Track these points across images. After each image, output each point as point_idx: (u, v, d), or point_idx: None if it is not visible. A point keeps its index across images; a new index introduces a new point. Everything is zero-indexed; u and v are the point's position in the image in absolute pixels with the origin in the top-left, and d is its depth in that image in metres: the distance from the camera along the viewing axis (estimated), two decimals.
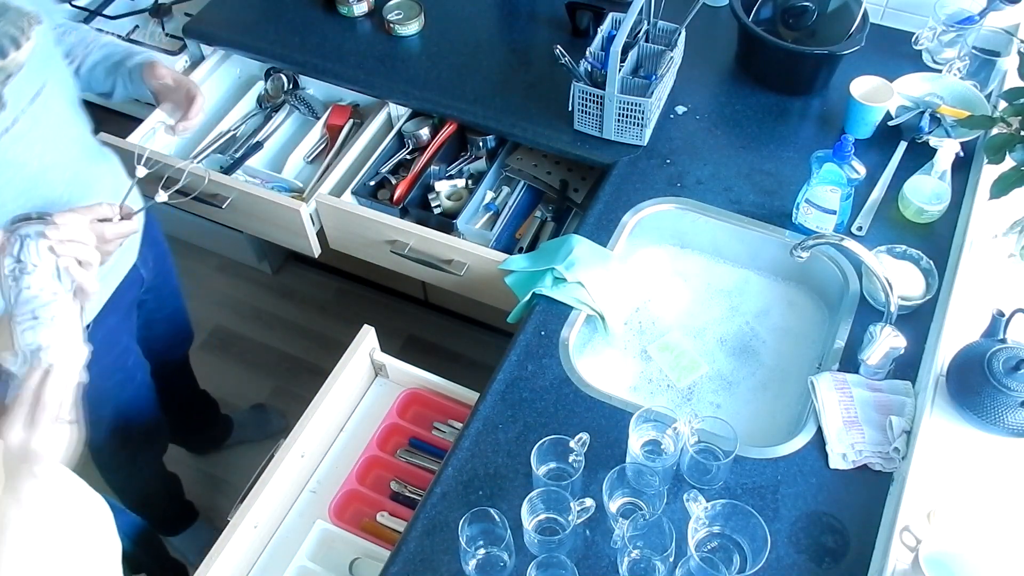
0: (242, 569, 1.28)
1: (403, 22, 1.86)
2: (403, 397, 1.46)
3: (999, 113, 1.36)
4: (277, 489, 1.30)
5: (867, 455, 1.20)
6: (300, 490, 1.38)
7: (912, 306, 1.34)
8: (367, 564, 1.27)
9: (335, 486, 1.35)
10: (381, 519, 1.33)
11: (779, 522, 1.16)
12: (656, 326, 1.52)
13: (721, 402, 1.42)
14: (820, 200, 1.43)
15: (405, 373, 1.47)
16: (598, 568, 1.13)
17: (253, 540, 1.28)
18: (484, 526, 1.11)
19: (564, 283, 1.41)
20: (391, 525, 1.33)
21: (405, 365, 1.47)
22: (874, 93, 1.58)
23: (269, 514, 1.31)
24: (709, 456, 1.20)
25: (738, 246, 1.55)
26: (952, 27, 1.68)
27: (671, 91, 1.74)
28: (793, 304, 1.53)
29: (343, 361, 1.39)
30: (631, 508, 1.17)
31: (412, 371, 1.46)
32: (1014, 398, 1.14)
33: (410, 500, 1.36)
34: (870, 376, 1.29)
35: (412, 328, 2.39)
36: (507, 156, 1.84)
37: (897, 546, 1.09)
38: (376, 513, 1.34)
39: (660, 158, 1.63)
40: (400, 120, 1.85)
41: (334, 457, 1.42)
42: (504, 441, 1.25)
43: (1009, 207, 1.36)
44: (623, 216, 1.54)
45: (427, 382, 1.46)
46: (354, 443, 1.43)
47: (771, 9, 1.73)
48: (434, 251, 1.62)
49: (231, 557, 1.23)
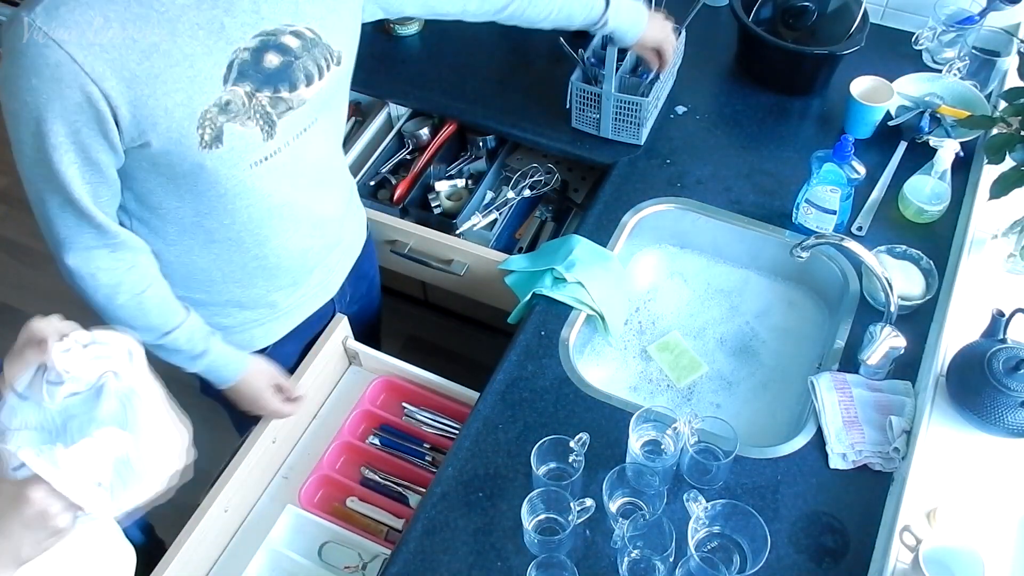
0: (212, 553, 1.29)
1: (403, 22, 1.86)
2: (376, 385, 1.47)
3: (999, 113, 1.36)
4: (248, 474, 1.31)
5: (867, 455, 1.20)
6: (272, 475, 1.39)
7: (912, 306, 1.34)
8: (336, 548, 1.28)
9: (306, 471, 1.37)
10: (351, 504, 1.35)
11: (779, 522, 1.16)
12: (656, 326, 1.52)
13: (721, 402, 1.42)
14: (820, 200, 1.43)
15: (379, 361, 1.48)
16: (598, 568, 1.13)
17: (223, 524, 1.29)
18: None
19: (564, 283, 1.41)
20: (360, 510, 1.34)
21: (378, 354, 1.48)
22: (874, 93, 1.58)
23: (240, 499, 1.31)
24: (709, 456, 1.20)
25: (738, 246, 1.55)
26: (952, 27, 1.68)
27: (671, 91, 1.74)
28: (793, 304, 1.53)
29: (315, 348, 1.40)
30: (631, 508, 1.17)
31: (385, 359, 1.47)
32: (1014, 398, 1.14)
33: (379, 486, 1.37)
34: (870, 376, 1.29)
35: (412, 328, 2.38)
36: (507, 156, 1.84)
37: (897, 546, 1.08)
38: (346, 498, 1.35)
39: (660, 158, 1.63)
40: (400, 120, 1.85)
41: (306, 443, 1.43)
42: (504, 441, 1.25)
43: (1009, 207, 1.36)
44: (623, 216, 1.54)
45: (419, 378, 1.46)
46: (325, 430, 1.44)
47: (771, 9, 1.73)
48: (434, 251, 1.62)
49: (200, 540, 1.23)
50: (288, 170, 1.14)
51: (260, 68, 1.02)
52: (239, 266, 1.21)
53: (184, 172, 1.05)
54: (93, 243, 1.06)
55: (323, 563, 1.27)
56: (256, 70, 1.02)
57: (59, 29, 0.89)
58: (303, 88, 1.08)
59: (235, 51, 1.00)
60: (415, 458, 1.39)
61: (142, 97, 0.95)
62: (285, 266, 1.26)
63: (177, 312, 1.17)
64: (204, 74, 0.98)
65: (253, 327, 1.31)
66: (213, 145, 1.03)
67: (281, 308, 1.32)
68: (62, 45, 0.89)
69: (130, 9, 0.92)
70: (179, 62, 0.96)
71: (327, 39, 1.09)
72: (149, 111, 0.96)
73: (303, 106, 1.09)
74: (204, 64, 0.98)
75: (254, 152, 1.07)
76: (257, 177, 1.10)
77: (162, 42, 0.94)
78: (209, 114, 1.00)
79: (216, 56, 0.98)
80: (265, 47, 1.02)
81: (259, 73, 1.02)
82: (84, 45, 0.90)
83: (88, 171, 0.99)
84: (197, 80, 0.98)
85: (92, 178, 1.00)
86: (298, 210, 1.21)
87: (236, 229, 1.15)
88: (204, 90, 0.99)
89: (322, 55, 1.09)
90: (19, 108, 0.93)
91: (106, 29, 0.91)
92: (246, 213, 1.14)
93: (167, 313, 1.16)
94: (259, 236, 1.18)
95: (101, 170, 1.00)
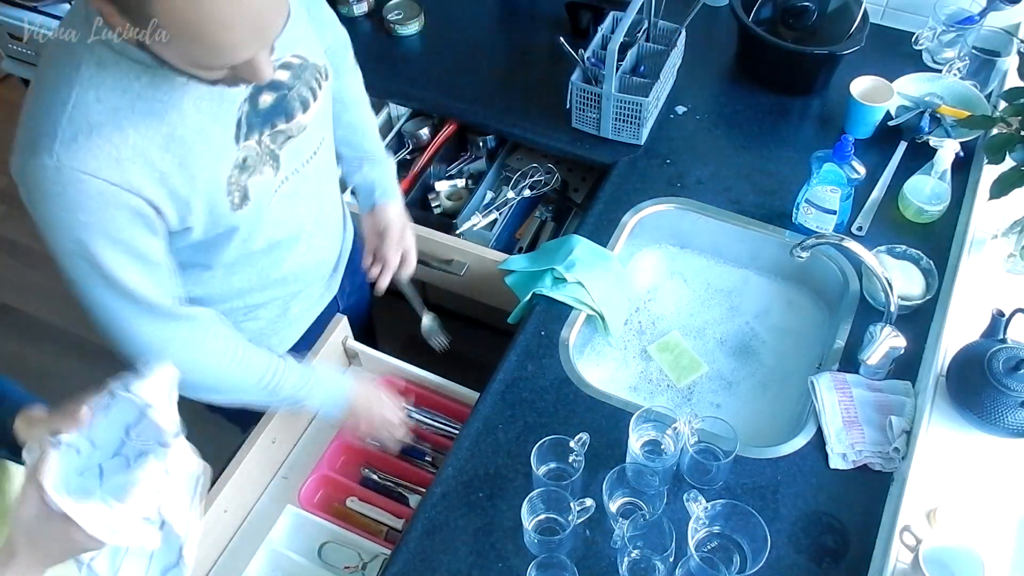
0: (212, 553, 1.29)
1: (403, 22, 1.86)
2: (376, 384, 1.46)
3: (999, 113, 1.36)
4: (248, 474, 1.31)
5: (867, 455, 1.20)
6: (272, 475, 1.39)
7: (912, 306, 1.34)
8: (336, 548, 1.28)
9: (306, 471, 1.37)
10: (351, 504, 1.35)
11: (779, 522, 1.16)
12: (656, 326, 1.52)
13: (721, 402, 1.42)
14: (820, 200, 1.43)
15: (379, 361, 1.48)
16: (598, 568, 1.13)
17: (223, 524, 1.29)
18: None
19: (564, 283, 1.41)
20: (360, 510, 1.34)
21: (378, 354, 1.48)
22: (874, 93, 1.58)
23: (240, 499, 1.32)
24: (709, 456, 1.20)
25: (738, 246, 1.55)
26: (952, 27, 1.68)
27: (671, 91, 1.74)
28: (793, 304, 1.53)
29: (315, 349, 1.40)
30: (631, 508, 1.17)
31: (385, 359, 1.47)
32: (1014, 398, 1.14)
33: (379, 486, 1.37)
34: (870, 376, 1.29)
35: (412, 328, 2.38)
36: (507, 156, 1.84)
37: (897, 546, 1.08)
38: (346, 498, 1.35)
39: (660, 158, 1.63)
40: (400, 120, 1.85)
41: (306, 443, 1.43)
42: (504, 441, 1.25)
43: (1009, 207, 1.36)
44: (623, 216, 1.54)
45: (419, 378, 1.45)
46: (325, 430, 1.44)
47: (771, 9, 1.73)
48: (434, 251, 1.62)
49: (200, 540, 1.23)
50: (299, 192, 1.14)
51: (258, 112, 1.02)
52: (257, 287, 1.22)
53: (219, 236, 1.06)
54: (185, 334, 1.06)
55: (323, 563, 1.27)
56: (256, 115, 1.02)
57: (87, 160, 0.87)
58: (300, 115, 1.07)
59: (239, 107, 0.99)
60: (415, 458, 1.39)
61: (175, 189, 0.95)
62: (301, 278, 1.28)
63: (274, 359, 1.17)
64: (219, 142, 0.98)
65: (270, 337, 1.32)
66: (242, 204, 1.03)
67: (293, 315, 1.33)
68: (96, 175, 0.88)
69: (136, 109, 0.90)
70: (196, 142, 0.95)
71: (313, 59, 1.08)
72: (184, 199, 0.96)
73: (303, 132, 1.09)
74: (216, 133, 0.97)
75: (270, 189, 1.08)
76: (273, 209, 1.11)
77: (175, 129, 0.93)
78: (232, 177, 1.01)
79: (224, 120, 0.98)
80: (259, 91, 1.01)
81: (258, 117, 1.02)
82: (115, 166, 0.89)
83: (151, 272, 0.99)
84: (215, 151, 0.98)
85: (156, 276, 1.00)
86: (309, 226, 1.22)
87: (256, 257, 1.16)
88: (223, 157, 0.99)
89: (312, 76, 1.08)
90: (71, 247, 0.92)
91: (125, 140, 0.90)
92: (265, 242, 1.14)
93: (269, 363, 1.16)
94: (276, 258, 1.19)
95: (159, 264, 1.00)
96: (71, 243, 0.92)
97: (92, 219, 0.90)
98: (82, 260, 0.94)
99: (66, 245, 0.92)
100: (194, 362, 1.08)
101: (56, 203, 0.89)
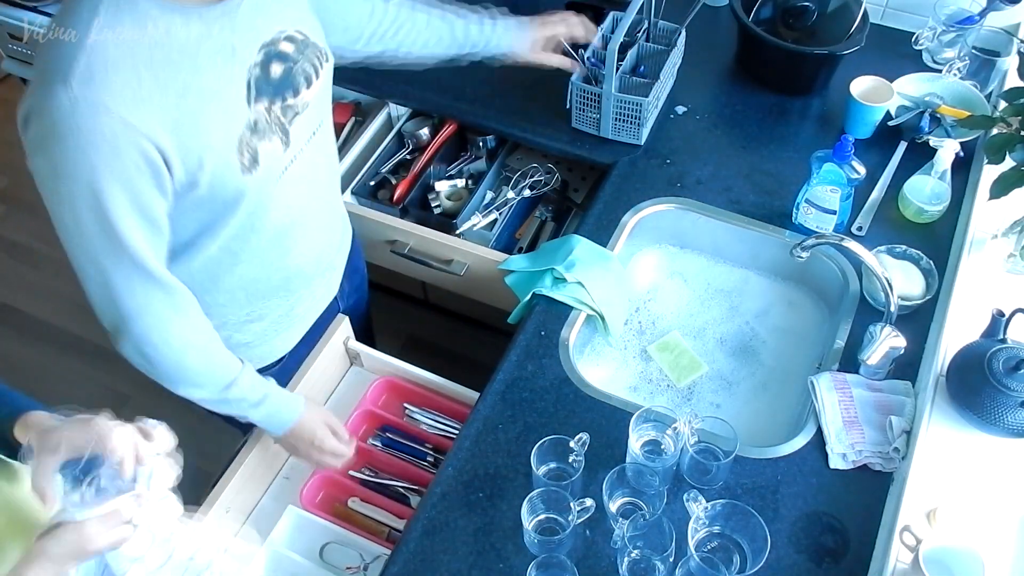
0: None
1: None
2: (377, 385, 1.46)
3: (999, 113, 1.36)
4: (250, 475, 1.31)
5: (867, 455, 1.20)
6: (273, 476, 1.39)
7: (912, 306, 1.34)
8: (338, 549, 1.28)
9: (308, 472, 1.36)
10: (352, 505, 1.35)
11: (779, 522, 1.16)
12: (656, 326, 1.52)
13: (721, 402, 1.42)
14: (820, 200, 1.43)
15: (380, 361, 1.48)
16: (598, 568, 1.13)
17: (224, 524, 1.29)
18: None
19: (564, 283, 1.41)
20: (362, 511, 1.35)
21: (379, 354, 1.48)
22: (874, 93, 1.58)
23: (242, 499, 1.31)
24: (709, 456, 1.20)
25: (738, 246, 1.55)
26: (952, 27, 1.68)
27: (671, 91, 1.74)
28: (793, 304, 1.53)
29: (316, 350, 1.40)
30: (631, 508, 1.17)
31: (386, 359, 1.47)
32: (1014, 398, 1.14)
33: (381, 487, 1.37)
34: (870, 376, 1.29)
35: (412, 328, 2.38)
36: (507, 156, 1.84)
37: (897, 546, 1.08)
38: (347, 499, 1.36)
39: (660, 158, 1.63)
40: (400, 120, 1.85)
41: None
42: (504, 441, 1.25)
43: (1009, 207, 1.36)
44: (623, 216, 1.54)
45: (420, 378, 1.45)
46: None
47: (771, 9, 1.73)
48: (434, 251, 1.62)
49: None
50: (306, 176, 1.15)
51: (269, 81, 1.03)
52: (264, 281, 1.22)
53: (225, 202, 1.05)
54: (160, 306, 1.04)
55: (324, 564, 1.27)
56: (267, 83, 1.03)
57: (103, 95, 0.87)
58: (304, 91, 1.08)
59: (249, 69, 1.00)
60: (416, 459, 1.39)
61: (187, 141, 0.94)
62: (305, 273, 1.28)
63: (234, 359, 1.16)
64: (232, 101, 0.98)
65: (272, 337, 1.32)
66: (252, 168, 1.03)
67: (296, 314, 1.33)
68: (112, 110, 0.87)
69: (153, 56, 0.90)
70: (210, 96, 0.95)
71: (314, 38, 1.10)
72: (196, 152, 0.96)
73: (307, 109, 1.10)
74: (230, 91, 0.98)
75: (279, 164, 1.08)
76: (282, 189, 1.11)
77: (191, 80, 0.93)
78: (244, 138, 1.01)
79: (237, 80, 0.99)
80: (269, 59, 1.02)
81: (269, 85, 1.03)
82: (131, 104, 0.88)
83: (150, 230, 0.98)
84: (228, 108, 0.98)
85: (153, 237, 0.99)
86: (314, 215, 1.22)
87: (263, 246, 1.16)
88: (236, 117, 0.99)
89: (314, 54, 1.10)
90: (77, 189, 0.90)
91: (142, 82, 0.89)
92: (272, 228, 1.14)
93: (229, 361, 1.15)
94: (283, 248, 1.19)
95: (159, 225, 0.99)
96: (79, 186, 0.90)
97: (103, 161, 0.89)
98: (84, 206, 0.92)
99: (72, 188, 0.90)
100: (166, 334, 1.06)
101: (68, 143, 0.88)
